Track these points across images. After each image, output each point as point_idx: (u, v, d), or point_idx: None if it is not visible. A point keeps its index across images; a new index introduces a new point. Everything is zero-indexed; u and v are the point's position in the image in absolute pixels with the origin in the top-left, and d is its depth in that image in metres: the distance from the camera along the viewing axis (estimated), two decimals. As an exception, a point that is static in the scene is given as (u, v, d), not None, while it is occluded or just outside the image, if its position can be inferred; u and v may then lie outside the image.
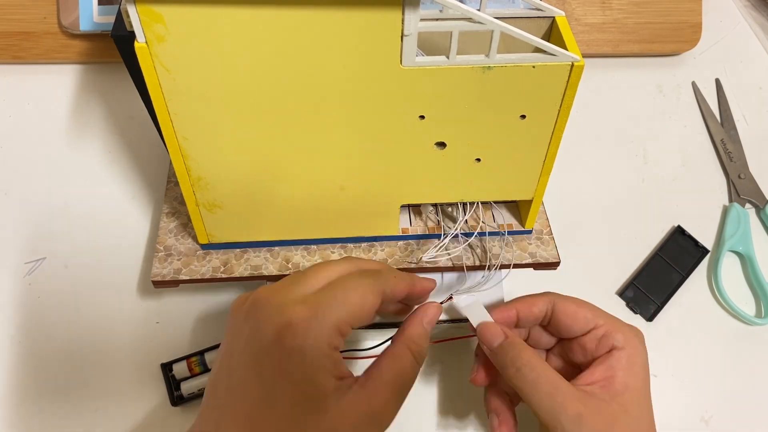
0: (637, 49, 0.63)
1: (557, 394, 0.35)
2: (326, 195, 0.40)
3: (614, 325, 0.38)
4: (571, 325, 0.38)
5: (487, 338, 0.38)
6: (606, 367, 0.36)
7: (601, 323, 0.38)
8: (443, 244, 0.43)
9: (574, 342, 0.39)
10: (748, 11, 0.69)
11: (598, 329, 0.38)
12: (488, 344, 0.38)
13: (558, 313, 0.39)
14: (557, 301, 0.39)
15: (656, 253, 0.53)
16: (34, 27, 0.58)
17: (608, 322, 0.38)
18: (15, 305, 0.48)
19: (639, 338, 0.38)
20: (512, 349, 0.37)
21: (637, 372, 0.37)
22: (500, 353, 0.37)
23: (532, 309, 0.39)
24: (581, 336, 0.38)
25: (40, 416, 0.44)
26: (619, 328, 0.38)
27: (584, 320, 0.38)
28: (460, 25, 0.32)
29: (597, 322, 0.38)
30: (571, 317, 0.38)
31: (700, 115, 0.62)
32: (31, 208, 0.53)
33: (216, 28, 0.31)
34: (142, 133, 0.57)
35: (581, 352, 0.38)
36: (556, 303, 0.39)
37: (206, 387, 0.34)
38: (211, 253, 0.44)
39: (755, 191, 0.56)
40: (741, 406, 0.47)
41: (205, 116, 0.35)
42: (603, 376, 0.36)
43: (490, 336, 0.38)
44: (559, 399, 0.35)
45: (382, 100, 0.35)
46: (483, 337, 0.38)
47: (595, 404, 0.35)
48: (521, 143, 0.38)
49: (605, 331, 0.38)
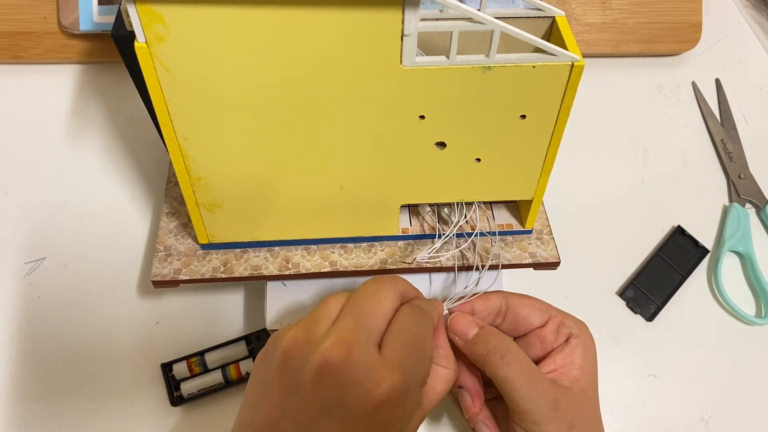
0: (637, 49, 0.63)
1: (538, 380, 0.36)
2: (326, 195, 0.40)
3: (565, 315, 0.40)
4: (529, 315, 0.40)
5: (460, 329, 0.38)
6: (565, 354, 0.39)
7: (554, 314, 0.40)
8: (436, 246, 0.43)
9: (533, 335, 0.40)
10: (748, 11, 0.69)
11: (553, 319, 0.40)
12: (462, 335, 0.38)
13: (515, 306, 0.40)
14: (510, 297, 0.41)
15: (656, 253, 0.53)
16: (34, 27, 0.58)
17: (559, 312, 0.40)
18: (15, 305, 0.48)
19: (586, 326, 0.40)
20: (493, 338, 0.37)
21: (590, 357, 0.39)
22: (479, 343, 0.37)
23: (487, 303, 0.40)
24: (540, 328, 0.40)
25: (40, 416, 0.44)
26: (570, 318, 0.40)
27: (540, 310, 0.40)
28: (460, 25, 0.32)
29: (551, 312, 0.40)
30: (528, 307, 0.40)
31: (700, 115, 0.62)
32: (31, 208, 0.53)
33: (216, 28, 0.31)
34: (142, 133, 0.57)
35: (540, 345, 0.40)
36: (510, 298, 0.40)
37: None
38: (211, 253, 0.44)
39: (755, 191, 0.56)
40: (741, 406, 0.47)
41: (205, 116, 0.35)
42: (563, 363, 0.38)
43: (463, 327, 0.38)
44: (540, 385, 0.36)
45: (382, 100, 0.35)
46: (455, 328, 0.38)
47: (566, 393, 0.37)
48: (521, 143, 0.38)
49: (559, 321, 0.40)
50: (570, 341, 0.39)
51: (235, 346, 0.46)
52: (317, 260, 0.44)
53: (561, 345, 0.39)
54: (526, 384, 0.36)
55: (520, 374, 0.36)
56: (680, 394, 0.48)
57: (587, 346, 0.39)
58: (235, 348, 0.46)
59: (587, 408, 0.37)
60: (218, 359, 0.45)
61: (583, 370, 0.38)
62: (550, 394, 0.36)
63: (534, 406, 0.35)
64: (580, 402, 0.37)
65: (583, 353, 0.39)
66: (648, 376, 0.48)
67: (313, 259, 0.44)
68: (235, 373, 0.45)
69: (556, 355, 0.39)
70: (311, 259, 0.44)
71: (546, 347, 0.40)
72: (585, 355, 0.39)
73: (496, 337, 0.37)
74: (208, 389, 0.44)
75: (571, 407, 0.36)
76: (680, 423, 0.47)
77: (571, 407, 0.36)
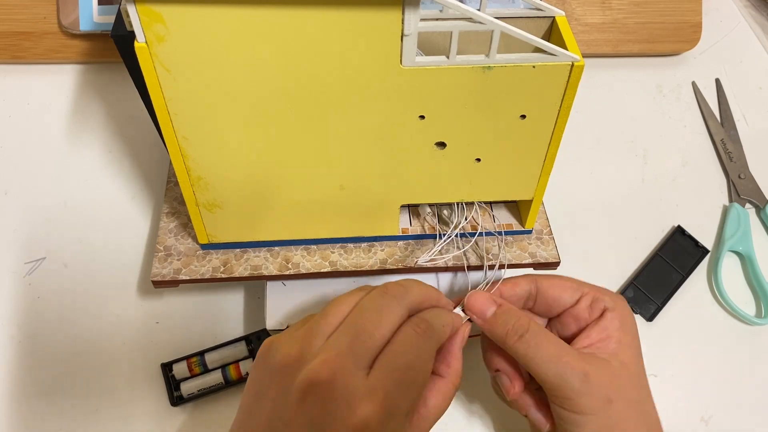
0: (637, 49, 0.63)
1: (563, 355, 0.35)
2: (326, 195, 0.40)
3: (600, 291, 0.39)
4: (560, 296, 0.39)
5: (478, 308, 0.37)
6: (600, 328, 0.37)
7: (587, 290, 0.39)
8: (440, 246, 0.43)
9: (566, 315, 0.39)
10: (748, 11, 0.69)
11: (586, 296, 0.39)
12: (480, 314, 0.37)
13: (544, 289, 0.39)
14: (540, 279, 0.39)
15: (656, 253, 0.53)
16: (34, 27, 0.58)
17: (593, 288, 0.39)
18: (15, 305, 0.48)
19: (623, 300, 0.39)
20: (511, 317, 0.37)
21: (629, 330, 0.38)
22: (497, 322, 0.37)
23: (515, 289, 0.39)
24: (572, 307, 0.39)
25: (39, 416, 0.44)
26: (605, 292, 0.39)
27: (571, 289, 0.39)
28: (460, 25, 0.32)
29: (583, 290, 0.39)
30: (558, 289, 0.39)
31: (700, 115, 0.62)
32: (31, 208, 0.53)
33: (216, 28, 0.31)
34: (142, 133, 0.57)
35: (574, 322, 0.39)
36: (539, 281, 0.39)
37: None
38: (211, 253, 0.44)
39: (755, 191, 0.56)
40: (741, 406, 0.47)
41: (205, 116, 0.35)
42: (598, 337, 0.37)
43: (480, 305, 0.37)
44: (565, 359, 0.35)
45: (382, 100, 0.35)
46: (473, 308, 0.37)
47: (597, 363, 0.35)
48: (521, 143, 0.38)
49: (593, 297, 0.38)
50: (605, 315, 0.37)
51: (236, 347, 0.46)
52: (317, 260, 0.44)
53: (596, 320, 0.38)
54: (549, 359, 0.35)
55: (540, 350, 0.35)
56: (680, 394, 0.48)
57: (624, 319, 0.37)
58: (235, 348, 0.46)
59: (628, 382, 0.35)
60: (218, 359, 0.45)
61: (621, 342, 0.36)
62: (578, 367, 0.34)
63: (561, 381, 0.34)
64: (618, 375, 0.35)
65: (621, 326, 0.37)
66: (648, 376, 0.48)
67: (313, 259, 0.44)
68: (235, 373, 0.45)
69: (591, 329, 0.37)
70: (311, 259, 0.44)
71: (581, 324, 0.38)
72: (623, 328, 0.37)
73: (514, 316, 0.36)
74: (208, 389, 0.44)
75: (605, 379, 0.34)
76: (680, 423, 0.47)
77: (606, 379, 0.34)
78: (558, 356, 0.35)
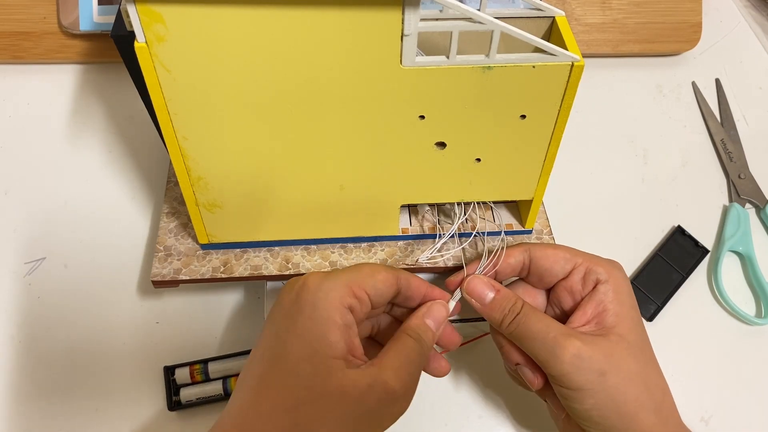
0: (637, 49, 0.63)
1: (550, 331, 0.35)
2: (326, 195, 0.40)
3: (593, 260, 0.39)
4: (551, 267, 0.39)
5: (477, 293, 0.38)
6: (595, 303, 0.37)
7: (580, 261, 0.39)
8: (437, 246, 0.43)
9: (560, 288, 0.39)
10: (748, 11, 0.69)
11: (579, 267, 0.38)
12: (479, 299, 0.38)
13: (536, 259, 0.39)
14: (533, 249, 0.40)
15: (656, 253, 0.53)
16: (34, 27, 0.58)
17: (587, 258, 0.39)
18: (15, 305, 0.48)
19: (618, 268, 0.39)
20: (508, 302, 0.37)
21: (625, 300, 0.37)
22: (495, 307, 0.37)
23: (508, 260, 0.39)
24: (565, 279, 0.39)
25: (39, 415, 0.44)
26: (598, 262, 0.38)
27: (563, 260, 0.39)
28: (460, 25, 0.32)
29: (576, 260, 0.39)
30: (550, 259, 0.39)
31: (700, 115, 0.62)
32: (31, 208, 0.53)
33: (216, 28, 0.31)
34: (142, 133, 0.57)
35: (570, 295, 0.39)
36: (533, 250, 0.39)
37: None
38: (211, 253, 0.44)
39: (755, 191, 0.56)
40: (741, 406, 0.47)
41: (205, 116, 0.35)
42: (594, 313, 0.37)
43: (479, 291, 0.38)
44: (553, 335, 0.35)
45: (382, 100, 0.35)
46: (473, 292, 0.38)
47: (592, 341, 0.35)
48: (521, 143, 0.38)
49: (586, 268, 0.38)
50: (598, 288, 0.37)
51: (240, 359, 0.45)
52: (317, 260, 0.44)
53: (589, 293, 0.38)
54: (537, 336, 0.35)
55: (530, 328, 0.35)
56: (680, 394, 0.47)
57: (619, 289, 0.37)
58: (239, 361, 0.45)
59: (626, 353, 0.35)
60: (221, 370, 0.45)
61: (618, 315, 0.36)
62: (566, 343, 0.35)
63: (551, 357, 0.35)
64: (614, 348, 0.35)
65: (615, 297, 0.37)
66: (648, 376, 0.48)
67: (313, 259, 0.44)
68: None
69: (586, 305, 0.37)
70: (311, 259, 0.44)
71: (576, 298, 0.38)
72: (617, 299, 0.37)
73: (510, 301, 0.37)
74: (207, 399, 0.44)
75: (598, 353, 0.34)
76: (680, 423, 0.46)
77: (599, 353, 0.35)
78: (546, 333, 0.35)
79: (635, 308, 0.38)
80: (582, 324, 0.37)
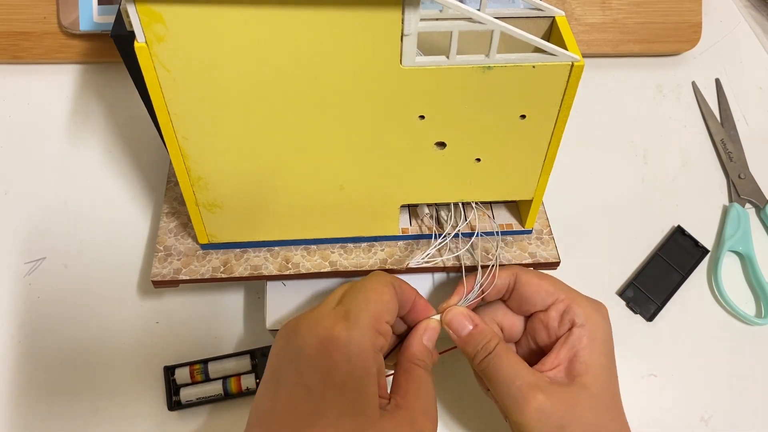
0: (637, 49, 0.63)
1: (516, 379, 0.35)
2: (326, 195, 0.40)
3: (575, 300, 0.38)
4: (533, 296, 0.38)
5: (455, 325, 0.38)
6: (568, 347, 0.36)
7: (563, 297, 0.38)
8: (435, 247, 0.43)
9: (536, 320, 0.39)
10: (748, 11, 0.69)
11: (559, 303, 0.38)
12: (457, 332, 0.38)
13: (521, 285, 0.39)
14: (520, 273, 0.39)
15: (656, 253, 0.53)
16: (34, 27, 0.58)
17: (569, 296, 0.38)
18: (15, 305, 0.48)
19: (600, 312, 0.38)
20: (483, 338, 0.37)
21: (599, 348, 0.36)
22: (470, 342, 0.37)
23: (494, 280, 0.39)
24: (543, 312, 0.38)
25: (39, 416, 0.44)
26: (579, 303, 0.37)
27: (545, 292, 0.38)
28: (460, 25, 0.32)
29: (558, 296, 0.38)
30: (533, 288, 0.38)
31: (700, 115, 0.62)
32: (31, 208, 0.53)
33: (216, 28, 0.31)
34: (142, 133, 0.57)
35: (545, 330, 0.38)
36: (519, 274, 0.39)
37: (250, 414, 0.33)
38: (211, 253, 0.44)
39: (755, 191, 0.56)
40: (741, 406, 0.47)
41: (205, 116, 0.35)
42: (567, 356, 0.36)
43: (457, 324, 0.38)
44: (518, 383, 0.35)
45: (382, 100, 0.35)
46: (451, 324, 0.38)
47: (555, 392, 0.35)
48: (521, 143, 0.38)
49: (566, 306, 0.37)
50: (572, 331, 0.36)
51: (240, 359, 0.45)
52: (317, 260, 0.44)
53: (564, 335, 0.37)
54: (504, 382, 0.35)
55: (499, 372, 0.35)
56: (680, 394, 0.48)
57: (594, 335, 0.36)
58: (239, 361, 0.45)
59: (586, 406, 0.34)
60: (220, 370, 0.45)
61: (587, 363, 0.35)
62: (531, 399, 0.34)
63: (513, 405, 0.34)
64: (575, 400, 0.34)
65: (588, 343, 0.36)
66: (648, 376, 0.48)
67: (313, 259, 0.44)
68: (235, 387, 0.44)
69: (560, 348, 0.37)
70: (311, 259, 0.44)
71: (551, 335, 0.38)
72: (590, 345, 0.36)
73: (485, 338, 0.37)
74: (206, 399, 0.44)
75: (559, 407, 0.34)
76: (680, 423, 0.47)
77: (561, 407, 0.34)
78: (512, 380, 0.35)
79: (608, 355, 0.37)
80: (552, 367, 0.36)
